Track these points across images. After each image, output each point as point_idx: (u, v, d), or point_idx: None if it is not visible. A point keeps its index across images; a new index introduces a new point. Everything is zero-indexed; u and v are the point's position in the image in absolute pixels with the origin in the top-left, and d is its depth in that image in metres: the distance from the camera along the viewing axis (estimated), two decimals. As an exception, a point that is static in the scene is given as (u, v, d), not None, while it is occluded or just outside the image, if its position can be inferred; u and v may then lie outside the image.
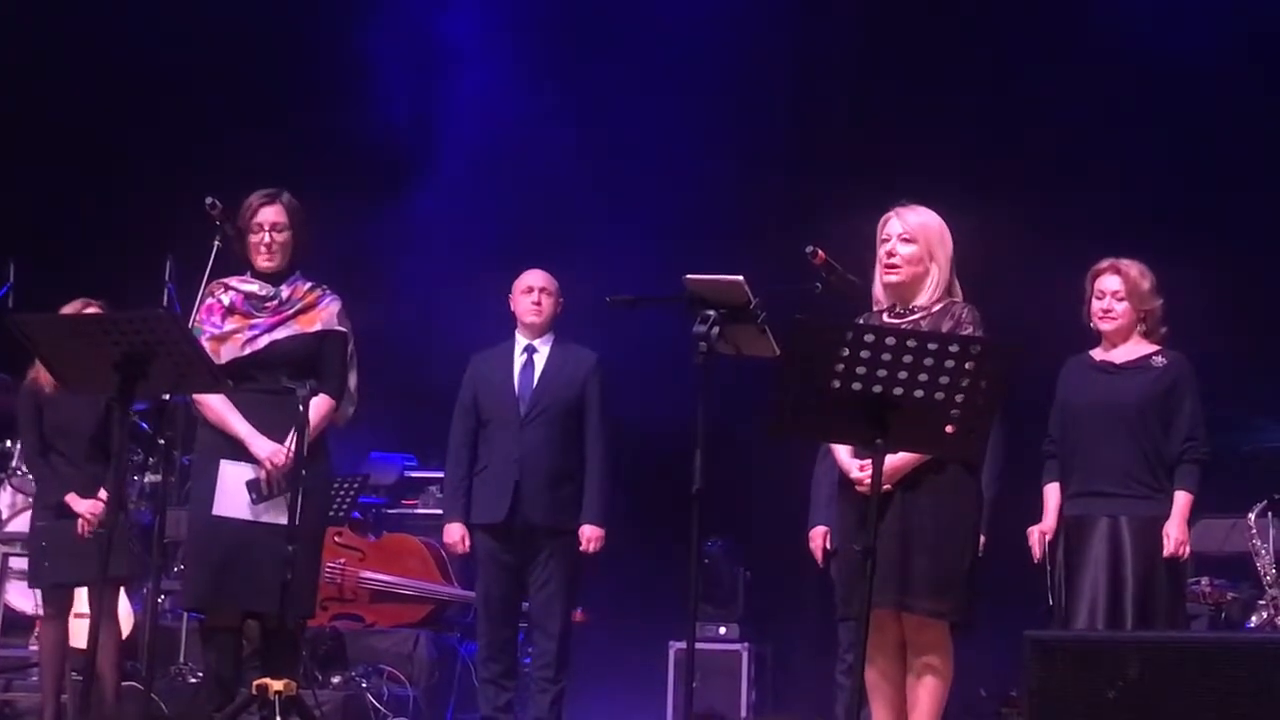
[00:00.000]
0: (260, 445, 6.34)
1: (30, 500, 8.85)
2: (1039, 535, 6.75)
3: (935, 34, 10.22)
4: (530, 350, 7.61)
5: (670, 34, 10.46)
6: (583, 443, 7.51)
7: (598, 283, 7.34)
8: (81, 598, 7.50)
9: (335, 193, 9.57)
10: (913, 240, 5.82)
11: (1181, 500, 6.55)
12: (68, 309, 6.95)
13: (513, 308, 7.65)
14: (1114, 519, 6.57)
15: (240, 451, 6.36)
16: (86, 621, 7.30)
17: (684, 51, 10.40)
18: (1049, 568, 6.73)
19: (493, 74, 10.74)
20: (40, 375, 7.24)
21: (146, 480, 8.64)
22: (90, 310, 6.89)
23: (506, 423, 7.49)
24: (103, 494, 7.30)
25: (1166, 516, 6.53)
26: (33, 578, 7.74)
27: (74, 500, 7.31)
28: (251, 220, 6.49)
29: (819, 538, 7.36)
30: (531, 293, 7.59)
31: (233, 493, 6.33)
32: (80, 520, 7.31)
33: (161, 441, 7.83)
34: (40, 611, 8.64)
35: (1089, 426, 6.70)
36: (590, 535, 7.43)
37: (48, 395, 7.32)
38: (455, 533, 7.57)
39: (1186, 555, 6.57)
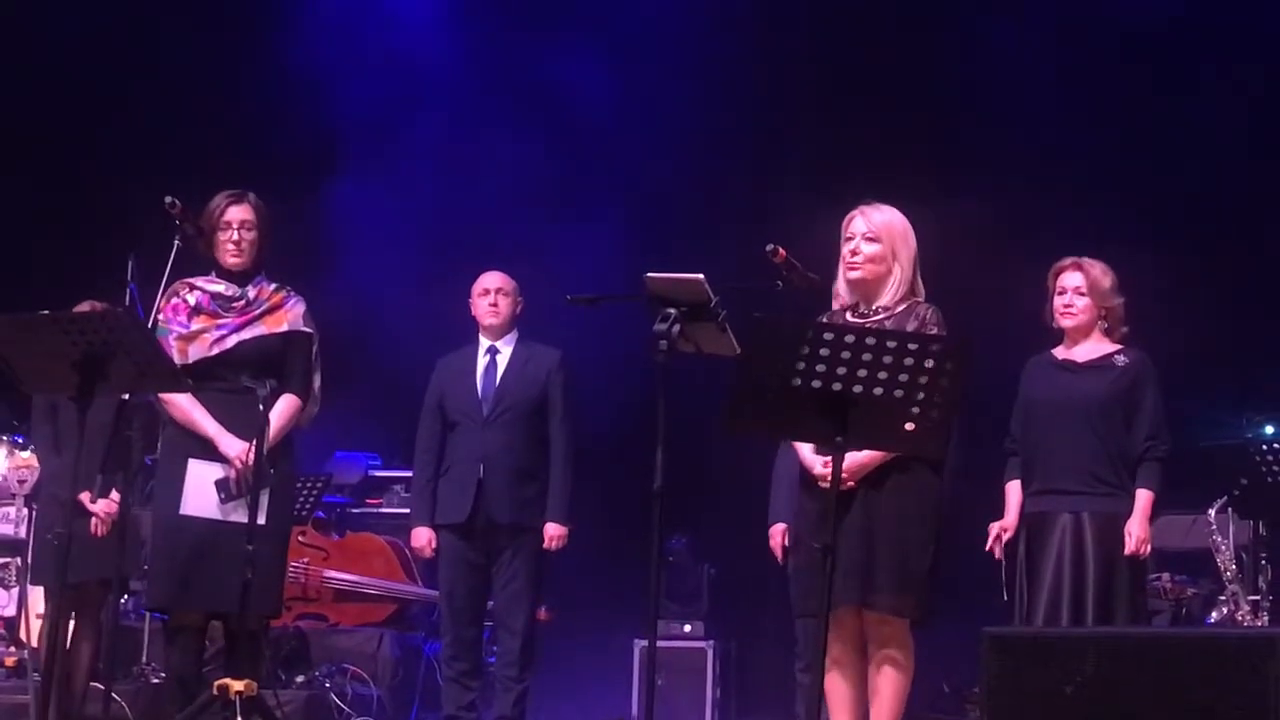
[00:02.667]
0: (229, 444, 6.33)
1: (-7, 502, 8.87)
2: (998, 532, 6.77)
3: (897, 30, 10.25)
4: (493, 351, 7.63)
5: (631, 30, 10.47)
6: (546, 441, 7.53)
7: (558, 282, 7.36)
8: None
9: (295, 189, 9.56)
10: (876, 239, 5.85)
11: (1143, 498, 6.58)
12: (80, 309, 6.91)
13: (473, 311, 7.68)
14: (1075, 516, 6.59)
15: (208, 451, 6.35)
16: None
17: (645, 49, 10.41)
18: (1004, 564, 6.75)
19: (451, 69, 10.74)
20: None
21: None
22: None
23: (470, 423, 7.51)
24: (115, 494, 7.30)
25: (1128, 514, 6.55)
26: (38, 575, 7.69)
27: (87, 499, 7.27)
28: (220, 219, 6.49)
29: (779, 535, 7.37)
30: (488, 294, 7.62)
31: (201, 492, 6.32)
32: (95, 519, 7.29)
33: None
34: (2, 612, 8.63)
35: (1050, 424, 6.72)
36: (553, 533, 7.45)
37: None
38: (422, 536, 7.58)
39: (1147, 553, 6.60)
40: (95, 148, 10.48)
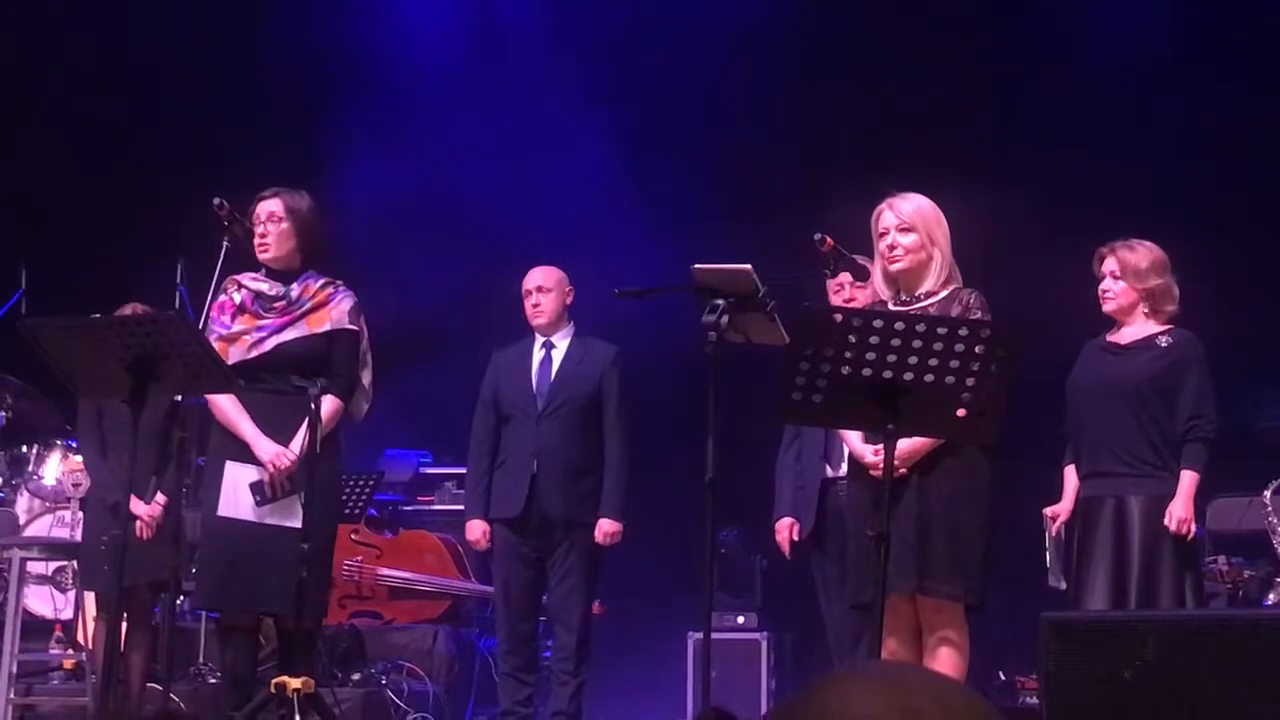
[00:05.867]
0: (264, 447, 6.34)
1: (46, 505, 8.91)
2: (1050, 515, 6.75)
3: (940, 17, 10.21)
4: (548, 346, 7.61)
5: (674, 22, 10.46)
6: (601, 436, 7.52)
7: (604, 273, 7.35)
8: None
9: (343, 183, 9.57)
10: (911, 229, 5.84)
11: (1186, 479, 6.51)
12: (125, 311, 6.93)
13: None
14: (1121, 499, 6.55)
15: (247, 453, 6.37)
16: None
17: (689, 40, 10.40)
18: (1050, 551, 6.72)
19: (490, 55, 10.75)
20: None
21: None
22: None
23: (525, 418, 7.50)
24: (160, 497, 7.33)
25: (1173, 495, 6.51)
26: (87, 579, 7.73)
27: (134, 503, 7.29)
28: (251, 215, 6.52)
29: (785, 529, 7.28)
30: (530, 296, 7.59)
31: (237, 494, 6.34)
32: (139, 523, 7.31)
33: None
34: (59, 615, 8.68)
35: (1093, 407, 6.69)
36: (607, 529, 7.44)
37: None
38: (476, 529, 7.58)
39: (1192, 533, 6.54)
40: (148, 149, 10.53)
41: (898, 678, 1.89)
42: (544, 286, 7.60)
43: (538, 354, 7.62)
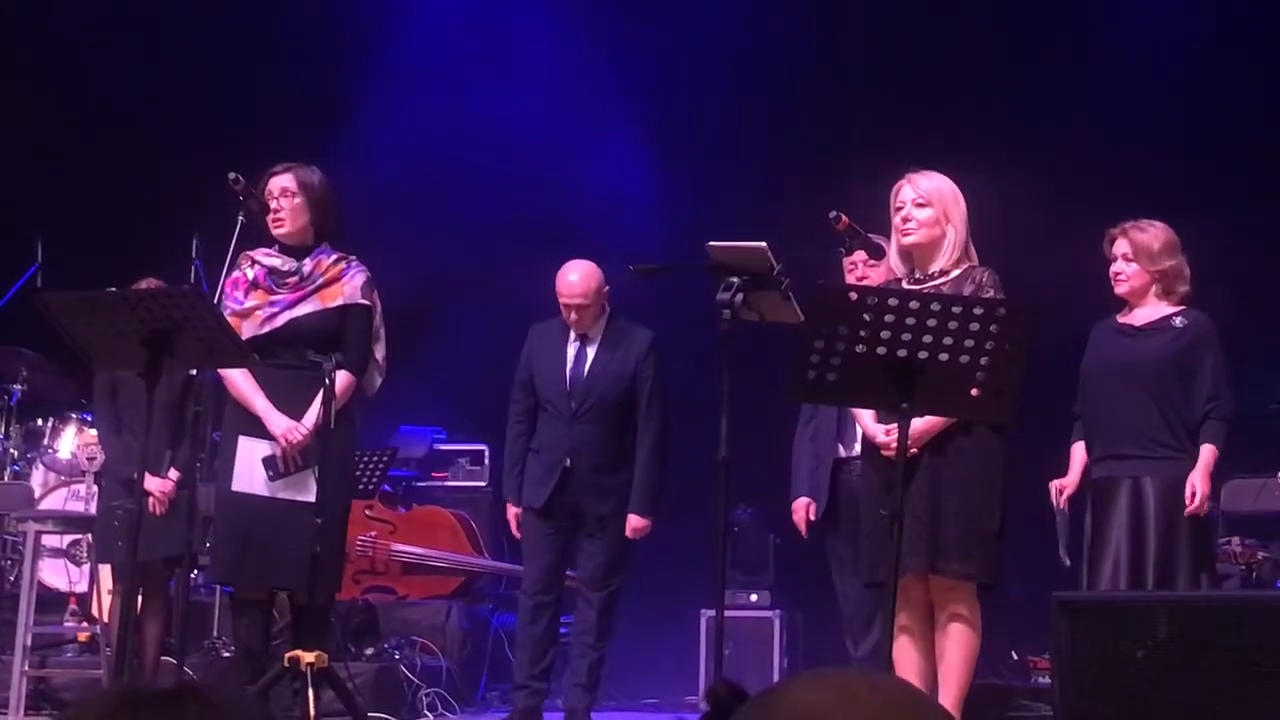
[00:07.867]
0: (277, 422, 6.35)
1: (61, 478, 8.94)
2: (1057, 489, 6.75)
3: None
4: (583, 338, 7.48)
5: (694, 2, 10.45)
6: (635, 429, 7.47)
7: (622, 250, 7.33)
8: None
9: (358, 157, 9.57)
10: (927, 204, 5.85)
11: (1206, 453, 6.51)
12: (140, 285, 6.93)
13: None
14: (1137, 480, 6.55)
15: (259, 428, 6.38)
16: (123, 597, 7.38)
17: (707, 19, 10.37)
18: (1061, 530, 6.72)
19: (521, 39, 10.74)
20: None
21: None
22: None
23: (558, 415, 7.40)
24: (173, 473, 7.34)
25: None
26: (103, 553, 7.75)
27: (147, 478, 7.29)
28: (264, 190, 6.52)
29: (801, 509, 7.28)
30: (569, 310, 7.41)
31: (250, 469, 6.36)
32: (151, 498, 7.31)
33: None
34: (74, 589, 8.72)
35: (1108, 389, 6.68)
36: (635, 525, 7.38)
37: (123, 373, 7.30)
38: (514, 514, 7.57)
39: (1206, 509, 6.52)
40: (163, 123, 10.53)
41: (846, 675, 1.96)
42: (582, 304, 7.37)
43: (571, 347, 7.47)
